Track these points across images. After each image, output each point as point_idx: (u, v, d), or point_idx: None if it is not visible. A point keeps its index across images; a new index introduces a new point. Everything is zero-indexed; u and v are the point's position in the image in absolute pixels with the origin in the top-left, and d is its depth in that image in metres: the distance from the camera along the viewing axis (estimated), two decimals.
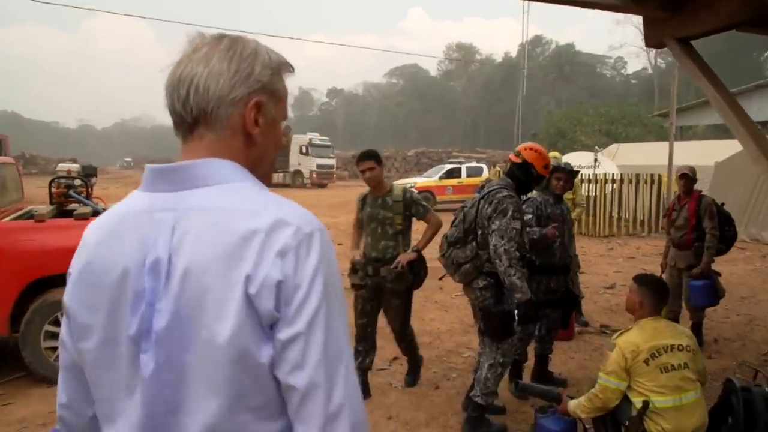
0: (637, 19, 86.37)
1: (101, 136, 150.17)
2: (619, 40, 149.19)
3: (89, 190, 5.60)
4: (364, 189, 4.76)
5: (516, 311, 4.26)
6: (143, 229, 1.03)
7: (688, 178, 6.09)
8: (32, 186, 32.58)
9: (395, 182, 4.40)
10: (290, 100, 1.25)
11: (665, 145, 17.37)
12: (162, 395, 1.00)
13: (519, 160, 4.13)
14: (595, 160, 15.71)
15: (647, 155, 19.25)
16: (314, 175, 35.61)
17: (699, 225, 5.97)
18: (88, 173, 6.52)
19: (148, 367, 1.00)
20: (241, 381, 0.97)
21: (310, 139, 36.53)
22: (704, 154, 16.75)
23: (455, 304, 7.66)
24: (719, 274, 6.05)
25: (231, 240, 0.98)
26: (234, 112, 1.09)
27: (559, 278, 4.86)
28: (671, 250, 6.25)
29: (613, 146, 22.55)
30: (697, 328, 6.04)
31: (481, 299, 4.04)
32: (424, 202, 4.60)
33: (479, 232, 4.01)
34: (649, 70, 69.54)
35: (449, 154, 42.35)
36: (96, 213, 5.33)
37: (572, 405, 3.46)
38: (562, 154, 27.75)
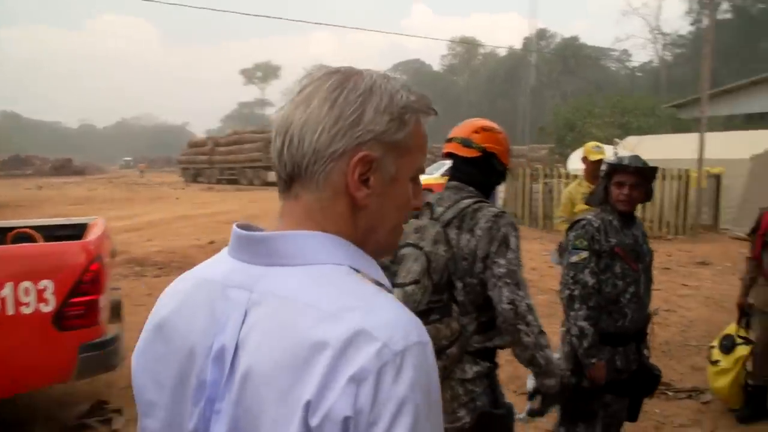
0: (644, 10, 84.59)
1: (102, 135, 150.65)
2: (626, 32, 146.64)
3: None
4: None
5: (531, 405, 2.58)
6: (216, 305, 0.86)
7: None
8: (20, 188, 31.26)
9: None
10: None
11: (691, 136, 15.70)
12: None
13: (475, 153, 2.35)
14: (615, 154, 14.02)
15: (671, 148, 17.45)
16: None
17: None
18: None
19: None
20: None
21: None
22: (736, 146, 15.12)
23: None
24: None
25: (300, 348, 0.75)
26: (334, 169, 0.86)
27: (629, 350, 2.96)
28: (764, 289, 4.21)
29: (632, 138, 20.65)
30: None
31: (469, 397, 2.26)
32: None
33: (459, 285, 2.23)
34: (656, 63, 67.91)
35: None
36: None
37: None
38: (572, 148, 25.66)
